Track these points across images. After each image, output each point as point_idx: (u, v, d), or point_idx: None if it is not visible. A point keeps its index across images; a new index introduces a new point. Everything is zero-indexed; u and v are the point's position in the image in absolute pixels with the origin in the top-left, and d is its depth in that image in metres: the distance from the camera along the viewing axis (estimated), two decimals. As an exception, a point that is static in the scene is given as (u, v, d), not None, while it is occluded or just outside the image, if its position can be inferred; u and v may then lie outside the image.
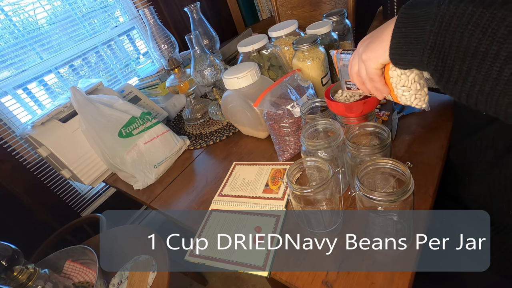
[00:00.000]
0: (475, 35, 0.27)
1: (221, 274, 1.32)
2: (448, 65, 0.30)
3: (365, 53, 0.38)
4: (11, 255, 0.61)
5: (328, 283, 0.44)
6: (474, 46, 0.28)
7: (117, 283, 0.77)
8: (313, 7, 1.45)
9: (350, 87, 0.49)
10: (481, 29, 0.27)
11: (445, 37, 0.29)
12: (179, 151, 0.89)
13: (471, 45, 0.28)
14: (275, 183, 0.64)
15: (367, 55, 0.38)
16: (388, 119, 0.70)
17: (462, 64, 0.29)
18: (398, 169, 0.40)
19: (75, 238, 1.19)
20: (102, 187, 1.44)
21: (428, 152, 0.58)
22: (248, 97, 0.71)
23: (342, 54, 0.48)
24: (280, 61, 0.81)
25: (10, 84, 1.20)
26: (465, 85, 0.30)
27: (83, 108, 0.82)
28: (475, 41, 0.27)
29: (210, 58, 0.85)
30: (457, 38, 0.29)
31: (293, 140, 0.66)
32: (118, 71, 1.56)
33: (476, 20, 0.27)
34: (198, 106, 1.01)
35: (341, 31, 0.86)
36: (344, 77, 0.50)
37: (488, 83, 0.28)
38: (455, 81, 0.31)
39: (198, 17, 0.99)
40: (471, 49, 0.28)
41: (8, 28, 1.20)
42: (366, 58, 0.39)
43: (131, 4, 1.56)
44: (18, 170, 1.17)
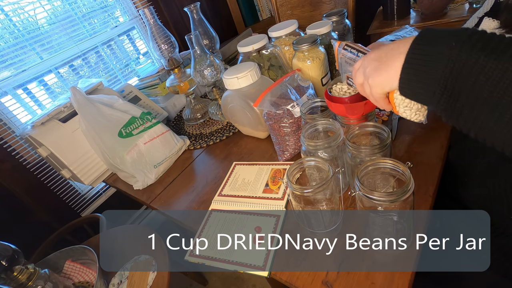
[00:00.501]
0: (486, 86, 0.27)
1: (221, 274, 1.32)
2: (457, 109, 0.30)
3: (372, 78, 0.38)
4: (11, 255, 0.61)
5: (328, 283, 0.44)
6: (484, 97, 0.28)
7: (117, 283, 0.77)
8: (313, 7, 1.45)
9: (352, 84, 0.49)
10: (492, 82, 0.27)
11: (456, 83, 0.29)
12: (179, 151, 0.89)
13: (481, 95, 0.28)
14: (275, 183, 0.64)
15: (374, 80, 0.38)
16: (388, 119, 0.70)
17: (472, 110, 0.29)
18: (398, 169, 0.40)
19: (75, 238, 1.19)
20: (102, 187, 1.44)
21: (428, 152, 0.58)
22: (248, 97, 0.71)
23: (345, 51, 0.47)
24: (280, 61, 0.81)
25: (10, 84, 1.20)
26: (474, 126, 0.30)
27: (83, 108, 0.82)
28: (486, 92, 0.28)
29: (210, 58, 0.85)
30: (468, 87, 0.29)
31: (293, 140, 0.66)
32: (118, 71, 1.56)
33: (488, 71, 0.27)
34: (198, 106, 1.01)
35: (341, 31, 0.86)
36: (346, 72, 0.49)
37: (498, 128, 0.28)
38: (463, 122, 0.31)
39: (198, 17, 0.99)
40: (481, 99, 0.28)
41: (8, 28, 1.20)
42: (373, 83, 0.38)
43: (131, 4, 1.57)
44: (18, 170, 1.17)
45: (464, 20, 0.62)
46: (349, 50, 0.46)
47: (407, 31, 1.11)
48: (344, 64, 0.49)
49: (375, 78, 0.37)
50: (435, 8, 1.25)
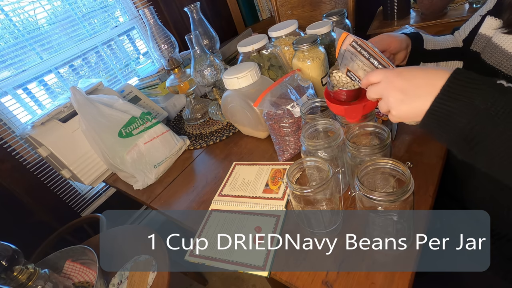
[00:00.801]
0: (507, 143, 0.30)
1: (221, 274, 1.32)
2: (476, 153, 0.33)
3: (395, 111, 0.38)
4: (11, 255, 0.61)
5: (328, 283, 0.44)
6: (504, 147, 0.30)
7: (117, 283, 0.77)
8: (313, 7, 1.45)
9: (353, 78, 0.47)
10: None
11: (476, 137, 0.31)
12: (179, 151, 0.89)
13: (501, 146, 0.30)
14: (275, 183, 0.64)
15: (397, 113, 0.38)
16: (388, 119, 0.70)
17: (490, 156, 0.32)
18: (398, 169, 0.40)
19: (75, 238, 1.19)
20: (102, 187, 1.44)
21: (428, 152, 0.58)
22: (248, 97, 0.71)
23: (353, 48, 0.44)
24: (280, 61, 0.81)
25: (10, 84, 1.20)
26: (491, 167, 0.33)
27: (83, 108, 0.82)
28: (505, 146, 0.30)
29: (210, 58, 0.85)
30: (488, 140, 0.31)
31: (293, 140, 0.66)
32: (118, 71, 1.56)
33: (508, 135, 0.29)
34: (198, 106, 1.01)
35: (341, 31, 0.86)
36: (347, 64, 0.47)
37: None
38: (480, 164, 0.34)
39: (198, 17, 0.99)
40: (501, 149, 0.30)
41: (8, 28, 1.20)
42: (396, 115, 0.38)
43: (131, 4, 1.57)
44: (18, 170, 1.17)
45: (464, 20, 0.62)
46: (359, 49, 0.43)
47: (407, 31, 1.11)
48: (347, 57, 0.46)
49: (399, 111, 0.38)
50: (435, 8, 1.25)
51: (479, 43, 0.53)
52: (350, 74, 0.47)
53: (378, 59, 0.43)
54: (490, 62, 0.49)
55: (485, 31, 0.52)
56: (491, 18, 0.51)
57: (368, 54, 0.43)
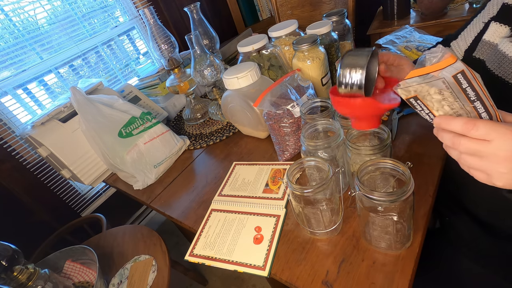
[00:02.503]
0: None
1: (221, 274, 1.32)
2: None
3: (497, 180, 0.32)
4: (11, 255, 0.61)
5: (328, 283, 0.44)
6: None
7: (117, 283, 0.77)
8: (313, 7, 1.45)
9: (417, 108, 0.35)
10: None
11: None
12: (179, 151, 0.89)
13: None
14: (275, 183, 0.64)
15: (498, 181, 0.32)
16: (388, 119, 0.70)
17: None
18: (398, 169, 0.40)
19: (75, 238, 1.20)
20: (102, 187, 1.44)
21: (428, 152, 0.58)
22: (248, 97, 0.71)
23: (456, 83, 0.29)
24: (280, 61, 0.81)
25: (10, 84, 1.20)
26: None
27: (83, 108, 0.82)
28: None
29: (210, 58, 0.85)
30: None
31: (293, 140, 0.66)
32: (118, 71, 1.56)
33: None
34: (198, 106, 1.01)
35: (341, 31, 0.86)
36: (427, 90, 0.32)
37: None
38: None
39: (198, 17, 0.99)
40: None
41: (8, 28, 1.20)
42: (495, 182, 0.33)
43: (131, 4, 1.57)
44: (18, 170, 1.17)
45: (464, 20, 0.60)
46: (465, 87, 0.30)
47: (407, 31, 1.11)
48: (436, 84, 0.31)
49: (501, 181, 0.32)
50: (435, 8, 1.25)
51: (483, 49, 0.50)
52: (416, 102, 0.34)
53: (486, 103, 0.30)
54: (499, 73, 0.45)
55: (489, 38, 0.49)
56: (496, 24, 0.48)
57: (475, 96, 0.30)
